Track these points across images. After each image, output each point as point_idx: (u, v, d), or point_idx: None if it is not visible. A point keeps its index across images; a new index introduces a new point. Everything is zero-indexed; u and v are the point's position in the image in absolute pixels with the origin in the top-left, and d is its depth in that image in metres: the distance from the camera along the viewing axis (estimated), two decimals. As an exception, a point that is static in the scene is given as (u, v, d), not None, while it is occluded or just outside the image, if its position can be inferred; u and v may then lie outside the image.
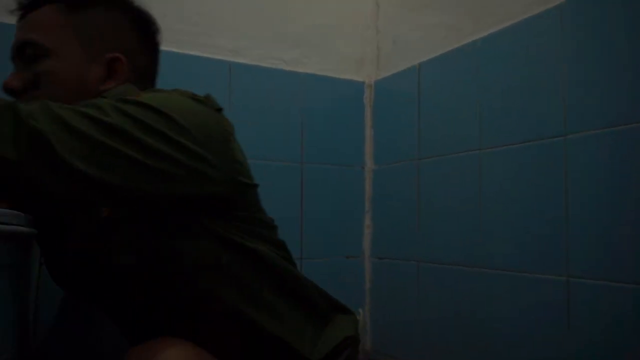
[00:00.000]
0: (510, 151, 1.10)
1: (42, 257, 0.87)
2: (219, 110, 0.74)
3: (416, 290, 1.34)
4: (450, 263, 1.24)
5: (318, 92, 1.49)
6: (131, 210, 0.68)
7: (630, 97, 0.90)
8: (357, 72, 1.57)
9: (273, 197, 1.40)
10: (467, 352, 1.17)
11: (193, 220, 0.67)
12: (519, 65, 1.10)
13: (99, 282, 0.76)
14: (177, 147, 0.63)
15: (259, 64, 1.41)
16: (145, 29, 0.83)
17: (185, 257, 0.68)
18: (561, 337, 0.97)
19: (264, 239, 0.74)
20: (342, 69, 1.55)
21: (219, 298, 0.69)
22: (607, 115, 0.93)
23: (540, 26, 1.06)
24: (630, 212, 0.88)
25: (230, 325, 0.70)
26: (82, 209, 0.71)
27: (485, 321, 1.13)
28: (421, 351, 1.31)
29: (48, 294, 1.10)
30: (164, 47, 1.31)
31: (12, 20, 0.80)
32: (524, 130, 1.08)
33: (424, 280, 1.32)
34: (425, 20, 1.39)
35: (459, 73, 1.25)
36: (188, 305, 0.70)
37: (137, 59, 0.80)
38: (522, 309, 1.05)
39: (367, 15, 1.59)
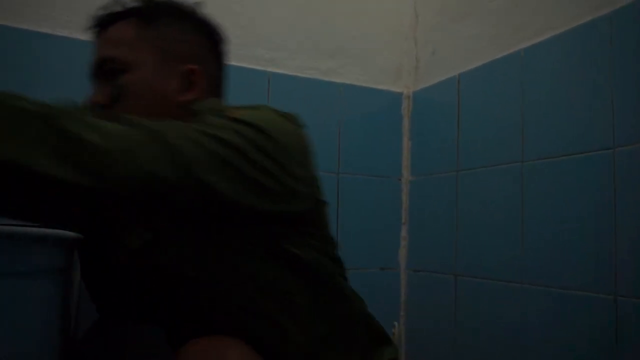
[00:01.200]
0: (555, 164, 1.07)
1: (81, 271, 0.88)
2: (303, 127, 0.77)
3: (453, 304, 1.31)
4: (490, 278, 1.21)
5: (355, 102, 1.49)
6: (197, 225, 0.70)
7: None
8: (394, 83, 1.56)
9: (309, 207, 1.42)
10: (506, 370, 1.14)
11: (269, 237, 0.70)
12: (564, 75, 1.07)
13: (148, 298, 0.77)
14: (280, 165, 0.66)
15: (298, 74, 1.42)
16: (213, 38, 0.85)
17: (250, 275, 0.70)
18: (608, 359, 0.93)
19: (329, 257, 0.77)
20: (380, 79, 1.54)
21: (268, 315, 0.70)
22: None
23: (587, 36, 1.03)
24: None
25: (276, 343, 0.71)
26: (136, 224, 0.73)
27: (526, 339, 1.09)
28: (458, 368, 1.28)
29: (88, 300, 1.12)
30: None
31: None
32: (569, 142, 1.04)
33: (461, 295, 1.29)
34: (465, 31, 1.38)
35: (501, 83, 1.23)
36: (236, 317, 0.71)
37: (209, 68, 0.82)
38: (565, 328, 1.01)
39: (406, 26, 1.58)
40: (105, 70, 0.76)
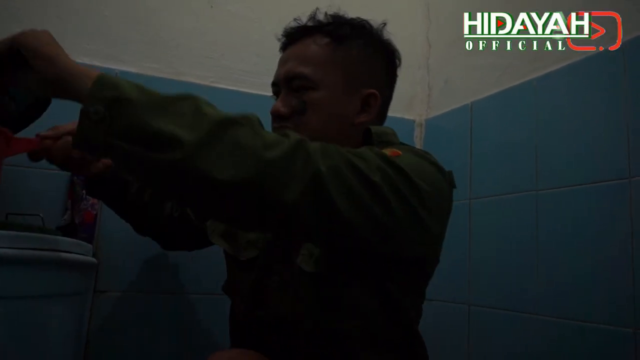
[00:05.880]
0: (569, 193, 1.06)
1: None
2: (454, 187, 0.81)
3: (466, 334, 1.29)
4: (504, 308, 1.19)
5: (368, 129, 1.49)
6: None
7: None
8: (407, 111, 1.57)
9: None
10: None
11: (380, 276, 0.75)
12: (577, 105, 1.07)
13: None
14: (417, 220, 0.67)
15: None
16: (392, 63, 0.90)
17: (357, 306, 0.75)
18: (628, 395, 0.90)
19: (418, 307, 0.86)
20: (393, 107, 1.53)
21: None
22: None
23: (601, 66, 1.04)
24: None
25: None
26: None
27: (543, 372, 1.07)
28: (472, 400, 1.25)
29: (100, 324, 1.12)
30: (223, 85, 1.37)
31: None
32: (584, 171, 1.04)
33: (475, 325, 1.27)
34: (477, 61, 1.39)
35: (514, 112, 1.23)
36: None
37: (384, 93, 0.87)
38: (583, 361, 0.99)
39: (419, 55, 1.60)
40: (295, 85, 0.80)
